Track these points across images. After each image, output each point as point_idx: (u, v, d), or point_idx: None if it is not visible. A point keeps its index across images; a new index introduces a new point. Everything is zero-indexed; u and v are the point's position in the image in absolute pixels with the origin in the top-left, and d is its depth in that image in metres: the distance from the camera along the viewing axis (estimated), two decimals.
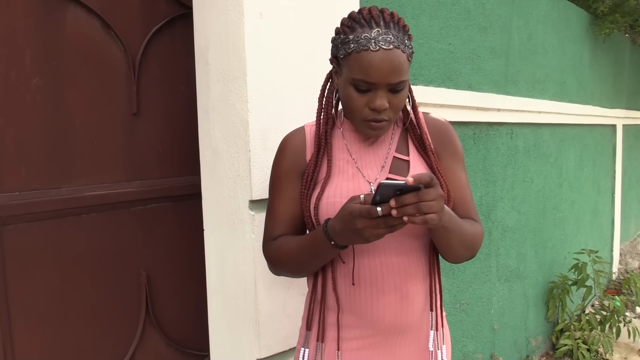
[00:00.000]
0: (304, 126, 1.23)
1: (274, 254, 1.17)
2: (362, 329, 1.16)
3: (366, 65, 1.03)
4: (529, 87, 3.16)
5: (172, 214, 1.72)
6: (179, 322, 1.77)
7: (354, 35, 1.05)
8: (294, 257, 1.13)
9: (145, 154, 1.65)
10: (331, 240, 1.02)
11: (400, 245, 1.15)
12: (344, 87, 1.09)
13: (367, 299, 1.14)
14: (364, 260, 1.13)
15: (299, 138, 1.20)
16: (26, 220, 1.41)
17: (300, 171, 1.18)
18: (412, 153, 1.20)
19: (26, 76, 1.40)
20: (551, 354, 3.59)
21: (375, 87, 1.06)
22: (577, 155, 4.01)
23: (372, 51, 1.03)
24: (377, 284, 1.13)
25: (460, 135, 2.53)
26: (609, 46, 4.47)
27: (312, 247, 1.08)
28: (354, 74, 1.05)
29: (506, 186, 2.99)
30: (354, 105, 1.08)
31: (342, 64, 1.09)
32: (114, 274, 1.59)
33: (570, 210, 3.93)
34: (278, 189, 1.19)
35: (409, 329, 1.18)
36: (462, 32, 2.47)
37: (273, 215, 1.20)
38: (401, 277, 1.14)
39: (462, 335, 2.66)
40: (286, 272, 1.19)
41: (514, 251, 3.13)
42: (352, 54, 1.05)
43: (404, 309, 1.16)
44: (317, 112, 1.18)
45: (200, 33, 1.59)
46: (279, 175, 1.19)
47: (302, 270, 1.16)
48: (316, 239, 1.07)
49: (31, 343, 1.43)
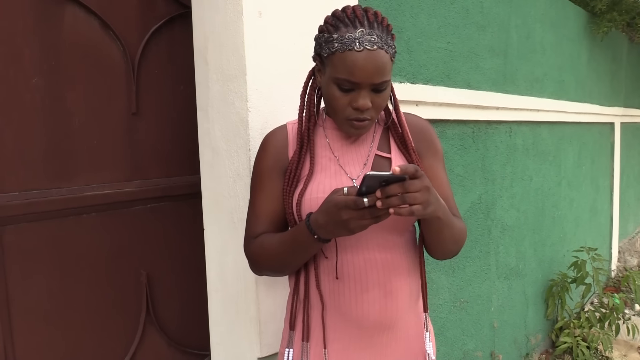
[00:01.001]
0: (285, 124, 1.24)
1: (255, 251, 1.16)
2: (347, 327, 1.15)
3: (350, 65, 1.04)
4: (528, 86, 3.17)
5: (172, 214, 1.72)
6: (179, 322, 1.77)
7: (338, 35, 1.05)
8: (275, 253, 1.12)
9: (145, 153, 1.65)
10: (314, 234, 1.02)
11: (384, 241, 1.15)
12: (327, 86, 1.10)
13: (351, 296, 1.14)
14: (347, 256, 1.13)
15: (281, 135, 1.21)
16: (26, 220, 1.40)
17: (282, 168, 1.18)
18: (393, 151, 1.21)
19: (25, 76, 1.40)
20: (551, 351, 3.59)
21: (358, 87, 1.06)
22: (576, 154, 4.02)
23: (356, 51, 1.04)
24: (360, 281, 1.13)
25: (459, 133, 2.54)
26: (606, 44, 4.48)
27: (295, 242, 1.08)
28: (337, 73, 1.06)
29: (505, 184, 3.00)
30: (337, 104, 1.09)
31: (325, 62, 1.10)
32: (114, 274, 1.59)
33: (569, 208, 3.94)
34: (260, 186, 1.19)
35: (394, 326, 1.18)
36: (460, 30, 2.48)
37: (255, 212, 1.19)
38: (385, 273, 1.14)
39: (462, 334, 2.66)
40: (268, 271, 1.19)
41: (513, 249, 3.13)
42: (336, 54, 1.05)
43: (388, 306, 1.15)
44: (299, 109, 1.19)
45: (199, 32, 1.59)
46: (260, 173, 1.19)
47: (284, 267, 1.15)
48: (299, 233, 1.06)
49: (32, 343, 1.43)
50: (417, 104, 2.19)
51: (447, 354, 2.55)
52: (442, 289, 2.48)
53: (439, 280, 2.45)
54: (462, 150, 2.57)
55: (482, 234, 2.79)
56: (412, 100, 2.15)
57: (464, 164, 2.59)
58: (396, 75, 2.10)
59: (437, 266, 2.43)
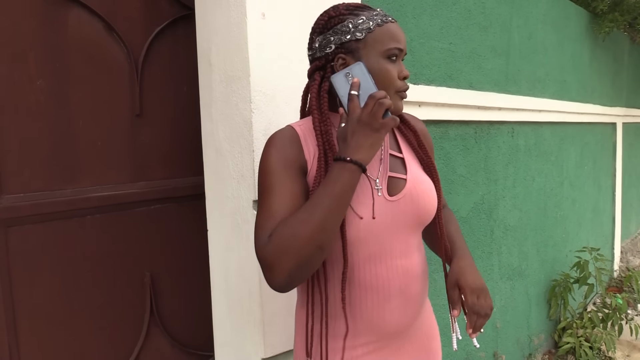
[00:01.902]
0: (290, 125, 1.16)
1: (278, 241, 0.95)
2: (367, 336, 1.14)
3: (395, 33, 1.10)
4: (530, 86, 3.17)
5: (176, 215, 1.72)
6: (183, 323, 1.77)
7: (365, 17, 1.09)
8: (307, 220, 0.95)
9: (149, 154, 1.65)
10: (350, 161, 0.96)
11: (406, 246, 1.14)
12: (376, 64, 1.08)
13: (374, 307, 1.11)
14: (370, 266, 1.10)
15: (292, 134, 1.12)
16: (31, 222, 1.41)
17: (300, 168, 1.09)
18: (404, 150, 1.21)
19: (30, 78, 1.40)
20: (554, 352, 3.59)
21: (400, 56, 1.11)
22: (578, 154, 4.02)
23: (392, 22, 1.11)
24: (383, 291, 1.11)
25: (461, 134, 2.54)
26: (608, 44, 4.48)
27: (328, 189, 0.96)
28: (386, 45, 1.08)
29: (507, 185, 3.00)
30: (391, 77, 1.09)
31: (361, 45, 1.08)
32: (118, 275, 1.60)
33: (572, 209, 3.94)
34: (275, 185, 1.05)
35: (410, 328, 1.18)
36: (462, 31, 2.48)
37: (270, 213, 1.02)
38: (405, 279, 1.13)
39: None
40: (300, 257, 0.95)
41: (515, 250, 3.13)
42: (376, 30, 1.08)
43: (408, 312, 1.15)
44: (312, 110, 1.11)
45: (203, 34, 1.60)
46: (274, 172, 1.06)
47: (323, 235, 0.96)
48: (331, 177, 0.97)
49: (36, 343, 1.43)
50: (420, 105, 2.19)
51: (450, 354, 2.55)
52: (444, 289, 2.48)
53: (441, 281, 2.45)
54: (464, 150, 2.57)
55: (484, 234, 2.79)
56: (414, 101, 2.15)
57: (466, 165, 2.59)
58: None
59: (440, 266, 2.43)
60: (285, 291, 1.00)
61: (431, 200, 1.16)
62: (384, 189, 1.11)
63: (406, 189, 1.13)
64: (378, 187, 1.11)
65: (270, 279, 0.97)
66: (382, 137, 1.00)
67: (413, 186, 1.14)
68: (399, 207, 1.11)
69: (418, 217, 1.14)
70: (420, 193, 1.14)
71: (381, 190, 1.11)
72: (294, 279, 0.97)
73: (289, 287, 0.99)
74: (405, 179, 1.14)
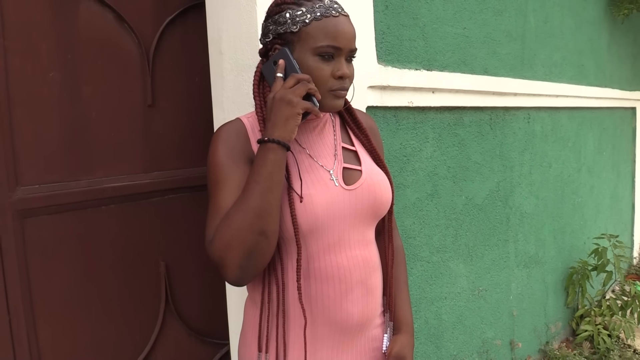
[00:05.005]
0: (239, 118, 1.14)
1: (220, 236, 0.96)
2: (330, 333, 1.11)
3: (332, 30, 1.02)
4: (546, 71, 3.11)
5: (189, 204, 1.73)
6: (198, 312, 1.78)
7: (306, 8, 1.03)
8: (243, 209, 0.95)
9: (162, 145, 1.66)
10: (272, 141, 0.97)
11: (363, 237, 1.14)
12: (305, 60, 1.05)
13: (336, 298, 1.09)
14: (331, 256, 1.09)
15: (239, 127, 1.11)
16: (46, 213, 1.42)
17: (248, 158, 1.07)
18: (356, 144, 1.21)
19: (42, 70, 1.41)
20: (571, 339, 3.56)
21: (339, 54, 1.05)
22: (596, 139, 3.95)
23: (334, 17, 1.03)
24: (345, 281, 1.09)
25: (476, 120, 2.50)
26: (627, 27, 4.38)
27: (256, 173, 0.97)
28: (319, 41, 1.03)
29: (524, 171, 2.96)
30: (321, 76, 1.04)
31: (295, 39, 1.05)
32: (133, 265, 1.61)
33: (590, 195, 3.88)
34: (223, 179, 1.03)
35: (370, 324, 1.17)
36: (476, 15, 2.44)
37: (217, 208, 1.01)
38: (365, 270, 1.13)
39: (481, 322, 2.65)
40: (245, 245, 0.95)
41: (532, 237, 3.10)
42: (312, 23, 1.02)
43: (369, 303, 1.14)
44: (254, 97, 1.10)
45: (213, 23, 1.59)
46: (221, 163, 1.04)
47: (262, 221, 0.95)
48: (257, 161, 0.98)
49: (53, 334, 1.46)
50: (434, 92, 2.17)
51: (466, 342, 2.54)
52: (460, 277, 2.47)
53: (457, 269, 2.44)
54: (479, 137, 2.54)
55: (500, 221, 2.76)
56: (428, 88, 2.13)
57: (481, 152, 2.56)
58: (412, 62, 2.08)
59: (455, 254, 2.42)
60: (242, 284, 1.00)
61: (387, 191, 1.17)
62: (340, 179, 1.11)
63: (362, 179, 1.13)
64: (334, 178, 1.10)
65: (224, 275, 0.98)
66: (296, 112, 0.98)
67: (369, 176, 1.14)
68: (357, 197, 1.11)
69: (374, 207, 1.14)
70: (376, 183, 1.14)
71: (338, 181, 1.10)
72: (247, 271, 0.97)
73: (245, 279, 0.99)
74: (360, 170, 1.15)
